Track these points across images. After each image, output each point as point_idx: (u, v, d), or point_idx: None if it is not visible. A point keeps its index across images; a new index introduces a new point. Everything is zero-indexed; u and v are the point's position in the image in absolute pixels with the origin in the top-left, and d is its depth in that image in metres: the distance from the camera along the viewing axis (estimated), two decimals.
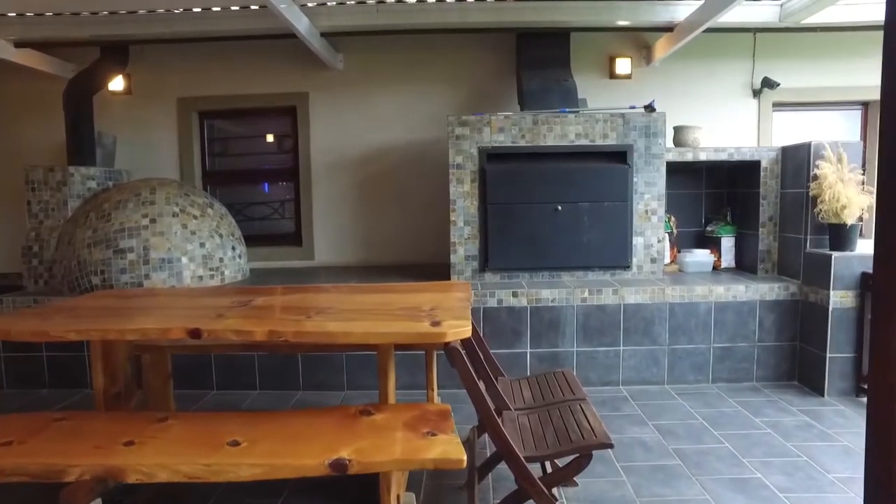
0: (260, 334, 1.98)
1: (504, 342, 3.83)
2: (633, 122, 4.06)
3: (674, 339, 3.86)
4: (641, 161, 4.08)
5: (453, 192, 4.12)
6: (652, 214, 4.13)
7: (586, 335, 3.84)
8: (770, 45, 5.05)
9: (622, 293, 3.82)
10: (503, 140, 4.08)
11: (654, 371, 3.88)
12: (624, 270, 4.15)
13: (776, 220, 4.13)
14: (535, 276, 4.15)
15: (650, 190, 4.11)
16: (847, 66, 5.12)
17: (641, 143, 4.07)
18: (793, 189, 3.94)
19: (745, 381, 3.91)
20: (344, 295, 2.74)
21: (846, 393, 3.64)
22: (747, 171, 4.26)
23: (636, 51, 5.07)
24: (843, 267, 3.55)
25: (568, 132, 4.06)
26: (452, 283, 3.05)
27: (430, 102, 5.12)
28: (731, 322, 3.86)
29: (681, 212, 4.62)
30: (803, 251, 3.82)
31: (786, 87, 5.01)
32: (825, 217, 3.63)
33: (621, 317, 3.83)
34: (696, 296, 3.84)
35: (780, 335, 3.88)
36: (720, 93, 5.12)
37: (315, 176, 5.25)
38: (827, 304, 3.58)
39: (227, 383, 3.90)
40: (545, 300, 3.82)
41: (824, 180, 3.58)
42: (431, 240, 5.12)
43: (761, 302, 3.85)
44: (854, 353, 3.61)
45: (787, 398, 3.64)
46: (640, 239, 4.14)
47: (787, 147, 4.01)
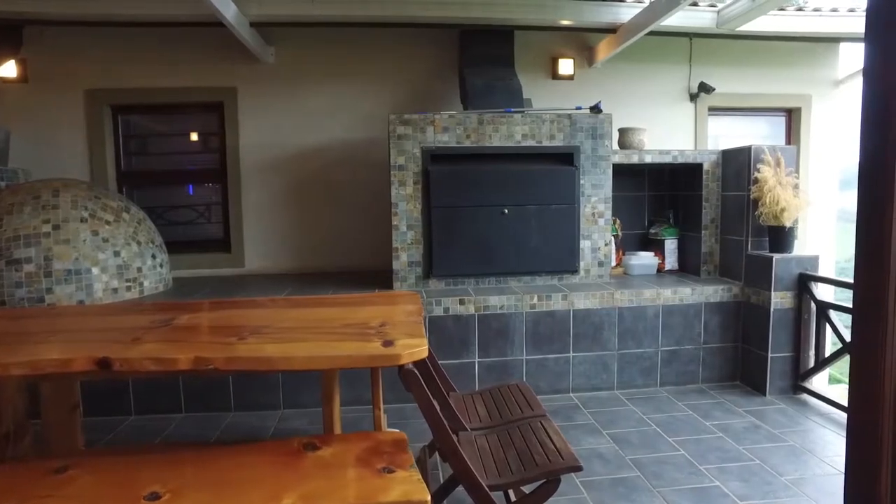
0: (184, 362, 1.70)
1: (451, 352, 3.65)
2: (580, 123, 3.98)
3: (623, 344, 3.81)
4: (588, 163, 4.01)
5: (395, 194, 3.90)
6: (599, 217, 4.07)
7: (536, 342, 3.72)
8: (706, 51, 5.14)
9: (571, 298, 3.73)
10: (447, 140, 3.90)
11: (604, 377, 3.82)
12: (572, 275, 4.07)
13: (718, 222, 4.17)
14: (482, 282, 4.00)
15: (597, 192, 4.05)
16: (774, 74, 5.30)
17: (588, 145, 4.00)
18: (734, 192, 3.98)
19: (691, 383, 3.91)
20: (281, 310, 2.47)
21: (785, 391, 3.71)
22: (689, 174, 4.28)
23: (579, 52, 5.03)
24: (783, 268, 3.60)
25: (514, 132, 3.94)
26: (400, 294, 2.84)
27: (369, 100, 4.88)
28: (678, 325, 3.85)
29: (624, 214, 4.60)
30: (745, 253, 3.87)
31: (720, 93, 5.12)
32: (765, 220, 3.68)
33: (571, 323, 3.74)
34: (645, 300, 3.80)
35: (723, 337, 3.91)
36: (659, 96, 5.17)
37: (245, 177, 4.88)
38: (768, 305, 3.63)
39: (148, 407, 3.51)
40: (493, 307, 3.67)
41: (765, 184, 3.63)
42: (372, 245, 4.87)
43: (706, 304, 3.87)
44: (792, 353, 3.68)
45: (732, 399, 3.66)
46: (587, 242, 4.07)
47: (728, 150, 4.06)
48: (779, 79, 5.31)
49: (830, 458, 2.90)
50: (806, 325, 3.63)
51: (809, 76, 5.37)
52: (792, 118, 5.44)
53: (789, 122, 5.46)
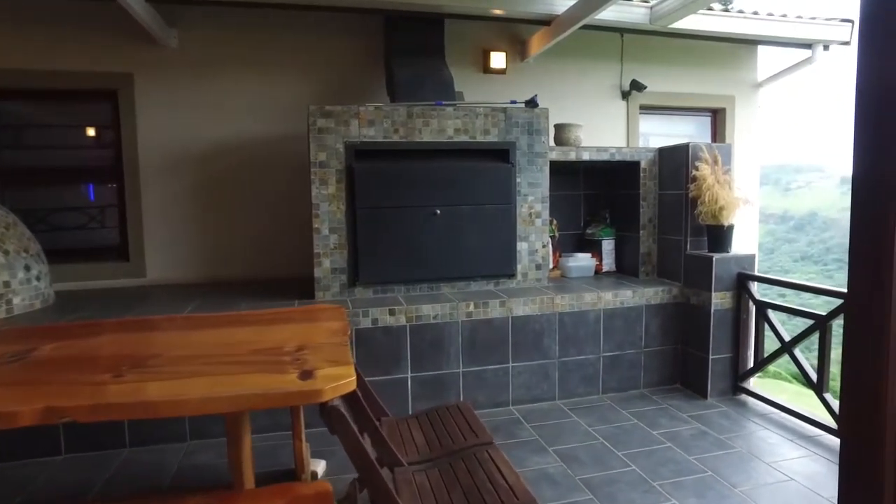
0: (28, 416, 1.28)
1: (381, 368, 3.31)
2: (516, 118, 3.76)
3: (564, 352, 3.61)
4: (524, 160, 3.79)
5: (316, 194, 3.52)
6: (536, 218, 3.86)
7: (473, 353, 3.45)
8: (638, 49, 5.08)
9: (510, 305, 3.48)
10: (374, 135, 3.56)
11: (545, 387, 3.60)
12: (509, 279, 3.83)
13: (655, 221, 4.07)
14: (413, 289, 3.69)
15: (534, 191, 3.83)
16: (701, 74, 5.32)
17: (524, 141, 3.78)
18: (671, 190, 3.88)
19: (633, 388, 3.77)
20: (178, 333, 2.06)
21: (725, 393, 3.63)
22: (626, 172, 4.16)
23: (511, 45, 4.83)
24: (723, 268, 3.52)
25: (446, 127, 3.65)
26: (322, 308, 2.48)
27: (288, 91, 4.45)
28: (620, 329, 3.70)
29: (560, 214, 4.42)
30: (684, 253, 3.77)
31: (651, 91, 5.07)
32: (704, 219, 3.59)
33: (509, 331, 3.50)
34: (585, 304, 3.62)
35: (664, 339, 3.80)
36: (592, 93, 5.06)
37: (145, 176, 4.32)
38: (709, 306, 3.54)
39: (16, 448, 2.94)
40: (426, 317, 3.36)
41: (703, 182, 3.54)
42: (293, 251, 4.44)
43: (647, 306, 3.74)
44: (732, 354, 3.61)
45: (675, 403, 3.54)
46: (524, 244, 3.85)
47: (665, 148, 3.96)
48: (705, 79, 5.35)
49: (778, 463, 2.80)
50: (744, 326, 3.56)
51: (732, 77, 5.44)
52: (717, 118, 5.49)
53: (714, 123, 5.52)
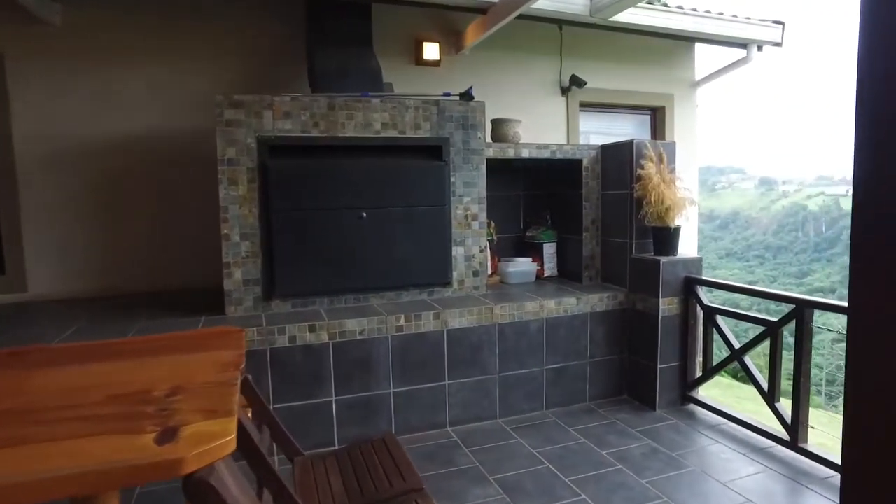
0: None
1: (301, 392, 2.91)
2: (449, 112, 3.44)
3: (505, 366, 3.32)
4: (459, 158, 3.48)
5: (224, 196, 3.07)
6: (473, 220, 3.55)
7: (405, 372, 3.10)
8: (577, 44, 4.89)
9: (445, 317, 3.16)
10: (291, 128, 3.15)
11: (486, 405, 3.29)
12: (444, 288, 3.50)
13: (599, 223, 3.84)
14: (338, 301, 3.30)
15: (470, 191, 3.53)
16: (640, 72, 5.19)
17: (459, 137, 3.47)
18: (615, 190, 3.67)
19: (578, 402, 3.52)
20: (16, 374, 1.60)
21: (674, 403, 3.44)
22: (567, 171, 3.92)
23: (445, 35, 4.51)
24: (670, 272, 3.33)
25: (373, 121, 3.29)
26: (216, 333, 2.06)
27: (198, 81, 3.96)
28: (564, 339, 3.44)
29: (498, 216, 4.14)
30: (629, 256, 3.56)
31: (591, 87, 4.88)
32: (650, 220, 3.39)
33: (445, 345, 3.17)
34: (527, 313, 3.34)
35: (610, 349, 3.57)
36: (531, 89, 4.82)
37: (24, 174, 3.73)
38: (656, 312, 3.33)
39: None
40: (352, 333, 2.99)
41: (649, 181, 3.33)
42: (201, 259, 3.95)
43: (592, 314, 3.50)
44: (679, 362, 3.43)
45: (623, 417, 3.32)
46: (460, 249, 3.53)
47: (608, 146, 3.74)
48: (645, 77, 5.22)
49: (733, 482, 2.60)
50: (693, 332, 3.38)
51: (671, 76, 5.34)
52: (657, 117, 5.38)
53: (654, 122, 5.40)
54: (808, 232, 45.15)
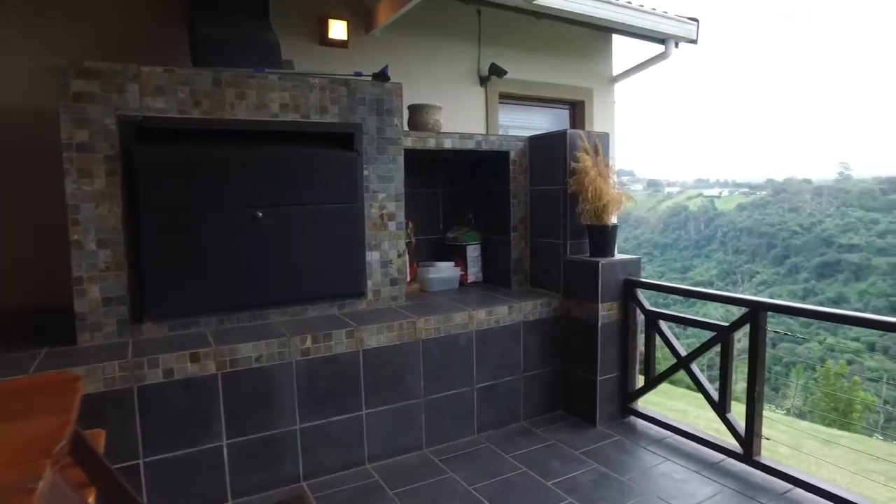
0: None
1: (181, 439, 2.30)
2: (361, 94, 2.95)
3: (431, 388, 2.88)
4: (373, 147, 3.00)
5: (73, 191, 2.39)
6: (389, 220, 3.09)
7: (314, 403, 2.58)
8: (497, 31, 4.56)
9: (360, 335, 2.67)
10: (164, 107, 2.52)
11: (411, 434, 2.84)
12: (358, 299, 3.01)
13: (528, 222, 3.51)
14: (230, 320, 2.71)
15: (386, 187, 3.06)
16: (560, 64, 4.98)
17: (372, 123, 2.99)
18: (546, 186, 3.34)
19: (512, 421, 3.16)
20: None
21: (614, 416, 3.17)
22: (492, 165, 3.55)
23: (354, 14, 4.01)
24: (609, 275, 3.04)
25: (269, 102, 2.73)
26: (37, 380, 1.44)
27: (44, 49, 3.18)
28: (495, 353, 3.06)
29: (416, 215, 3.71)
30: (562, 258, 3.25)
31: (511, 79, 4.57)
32: (586, 218, 3.09)
33: (361, 369, 2.68)
34: (455, 326, 2.92)
35: (545, 361, 3.24)
36: (448, 77, 4.43)
37: None
38: (595, 319, 3.04)
39: None
40: (246, 360, 2.42)
41: (585, 175, 3.03)
42: (48, 273, 3.16)
43: (524, 324, 3.15)
44: (620, 372, 3.16)
45: (564, 437, 2.99)
46: (375, 254, 3.05)
47: (537, 137, 3.41)
48: (564, 69, 5.01)
49: None
50: (633, 339, 3.12)
51: (590, 69, 5.17)
52: (576, 112, 5.19)
53: (573, 116, 5.21)
54: (689, 230, 48.80)
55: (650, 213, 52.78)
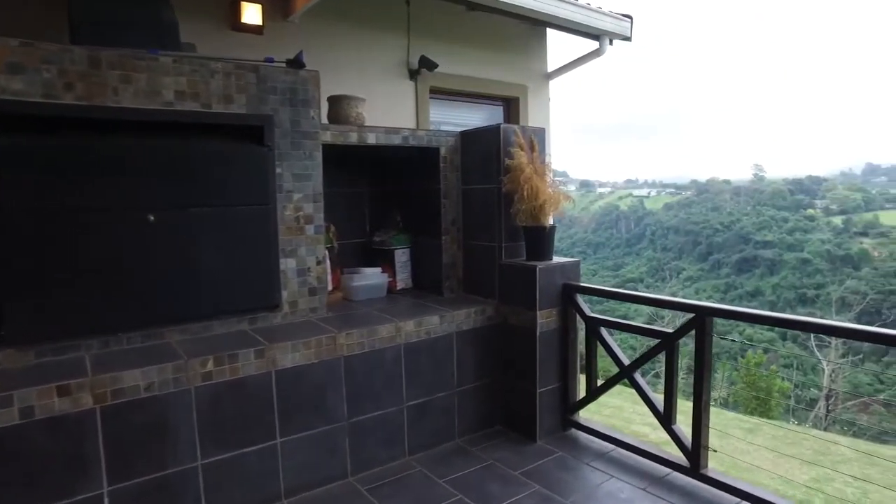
0: None
1: (46, 490, 1.91)
2: (273, 82, 2.62)
3: (356, 409, 2.59)
4: (287, 142, 2.67)
5: None
6: (307, 223, 2.77)
7: (219, 434, 2.23)
8: (427, 23, 4.31)
9: (273, 354, 2.34)
10: (23, 89, 2.11)
11: (334, 462, 2.53)
12: (271, 312, 2.67)
13: (460, 224, 3.27)
14: (116, 342, 2.31)
15: (302, 187, 2.74)
16: (494, 59, 4.79)
17: (286, 115, 2.66)
18: (479, 185, 3.12)
19: (446, 440, 2.91)
20: None
21: (555, 430, 2.99)
22: (422, 163, 3.29)
23: None
24: (547, 280, 2.85)
25: (162, 88, 2.35)
26: None
27: None
28: (426, 368, 2.81)
29: (339, 217, 3.40)
30: (498, 262, 3.03)
31: (443, 73, 4.34)
32: (522, 219, 2.88)
33: (274, 393, 2.36)
34: (381, 340, 2.64)
35: (480, 373, 3.01)
36: (375, 69, 4.14)
37: None
38: (533, 327, 2.84)
39: None
40: (133, 389, 2.05)
41: (520, 172, 2.82)
42: None
43: (458, 334, 2.91)
44: (560, 382, 2.97)
45: (502, 456, 2.77)
46: (290, 261, 2.72)
47: (470, 132, 3.18)
48: (498, 64, 4.82)
49: None
50: (573, 348, 2.94)
51: (525, 65, 5.01)
52: (510, 109, 5.01)
53: (507, 114, 5.03)
54: (620, 229, 50.51)
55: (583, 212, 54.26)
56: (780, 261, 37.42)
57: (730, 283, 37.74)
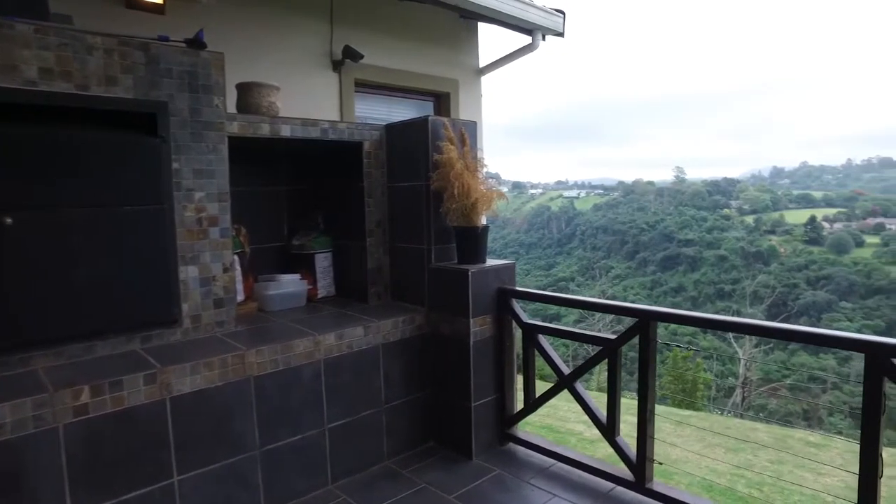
0: None
1: None
2: (167, 63, 2.27)
3: (270, 435, 2.28)
4: (186, 133, 2.33)
5: None
6: (210, 225, 2.43)
7: (96, 480, 1.87)
8: (352, 12, 4.02)
9: (166, 378, 2.00)
10: None
11: (244, 498, 2.21)
12: (169, 328, 2.32)
13: (386, 225, 3.01)
14: None
15: (205, 184, 2.40)
16: (424, 52, 4.55)
17: (184, 102, 2.32)
18: (407, 182, 2.87)
19: (375, 463, 2.64)
20: None
21: (492, 445, 2.78)
22: (344, 159, 3.01)
23: None
24: (481, 284, 2.64)
25: (21, 63, 1.96)
26: None
27: None
28: (350, 384, 2.53)
29: (252, 219, 3.07)
30: (427, 267, 2.79)
31: (369, 65, 4.06)
32: (453, 219, 2.66)
33: (169, 424, 2.02)
34: (298, 356, 2.35)
35: (410, 387, 2.77)
36: (295, 59, 3.82)
37: None
38: (466, 336, 2.62)
39: None
40: None
41: (450, 168, 2.60)
42: None
43: (384, 346, 2.65)
44: (496, 395, 2.77)
45: (435, 478, 2.53)
46: (192, 269, 2.38)
47: (395, 125, 2.93)
48: (428, 58, 4.59)
49: None
50: (510, 357, 2.75)
51: (456, 60, 4.81)
52: (441, 104, 4.80)
53: (438, 109, 4.81)
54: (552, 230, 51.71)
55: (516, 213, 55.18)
56: (701, 258, 39.40)
57: (655, 280, 39.34)
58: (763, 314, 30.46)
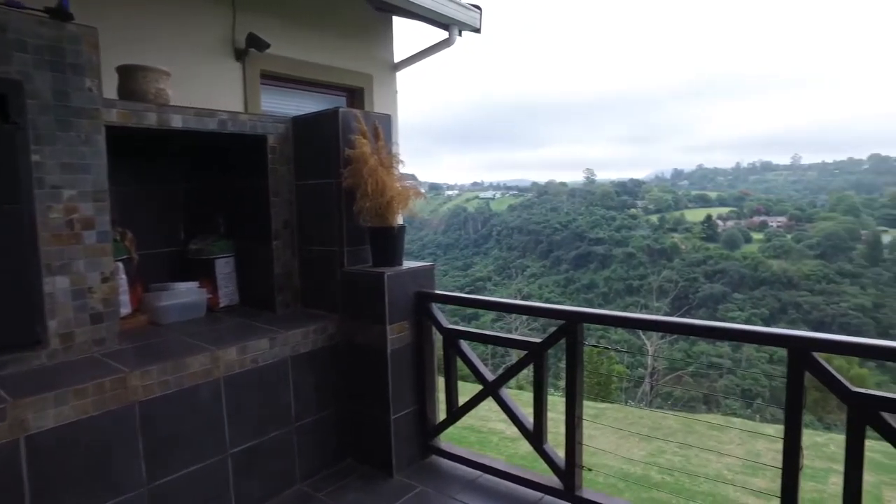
0: None
1: None
2: (20, 35, 1.92)
3: (159, 469, 1.99)
4: (50, 120, 1.99)
5: None
6: (85, 229, 2.09)
7: None
8: None
9: (20, 414, 1.68)
10: None
11: None
12: (31, 351, 1.97)
13: (295, 226, 2.76)
14: None
15: (76, 181, 2.06)
16: (336, 44, 4.31)
17: (46, 83, 1.97)
18: (316, 179, 2.64)
19: (286, 487, 2.40)
20: None
21: (413, 460, 2.61)
22: (247, 154, 2.74)
23: None
24: (398, 288, 2.46)
25: None
26: None
27: None
28: (255, 403, 2.28)
29: (142, 221, 2.72)
30: (339, 270, 2.58)
31: (276, 55, 3.77)
32: (367, 218, 2.47)
33: (24, 467, 1.69)
34: (193, 375, 2.07)
35: (323, 402, 2.54)
36: (191, 45, 3.47)
37: None
38: (383, 344, 2.43)
39: None
40: None
41: (364, 164, 2.40)
42: None
43: (293, 359, 2.41)
44: (417, 405, 2.61)
45: (353, 500, 2.34)
46: (62, 280, 2.04)
47: (303, 118, 2.68)
48: (340, 51, 4.36)
49: None
50: (430, 365, 2.59)
51: (369, 54, 4.60)
52: (355, 100, 4.57)
53: (351, 105, 4.58)
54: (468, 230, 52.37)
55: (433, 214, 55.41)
56: (611, 255, 41.28)
57: (569, 277, 40.78)
58: (668, 307, 32.38)
